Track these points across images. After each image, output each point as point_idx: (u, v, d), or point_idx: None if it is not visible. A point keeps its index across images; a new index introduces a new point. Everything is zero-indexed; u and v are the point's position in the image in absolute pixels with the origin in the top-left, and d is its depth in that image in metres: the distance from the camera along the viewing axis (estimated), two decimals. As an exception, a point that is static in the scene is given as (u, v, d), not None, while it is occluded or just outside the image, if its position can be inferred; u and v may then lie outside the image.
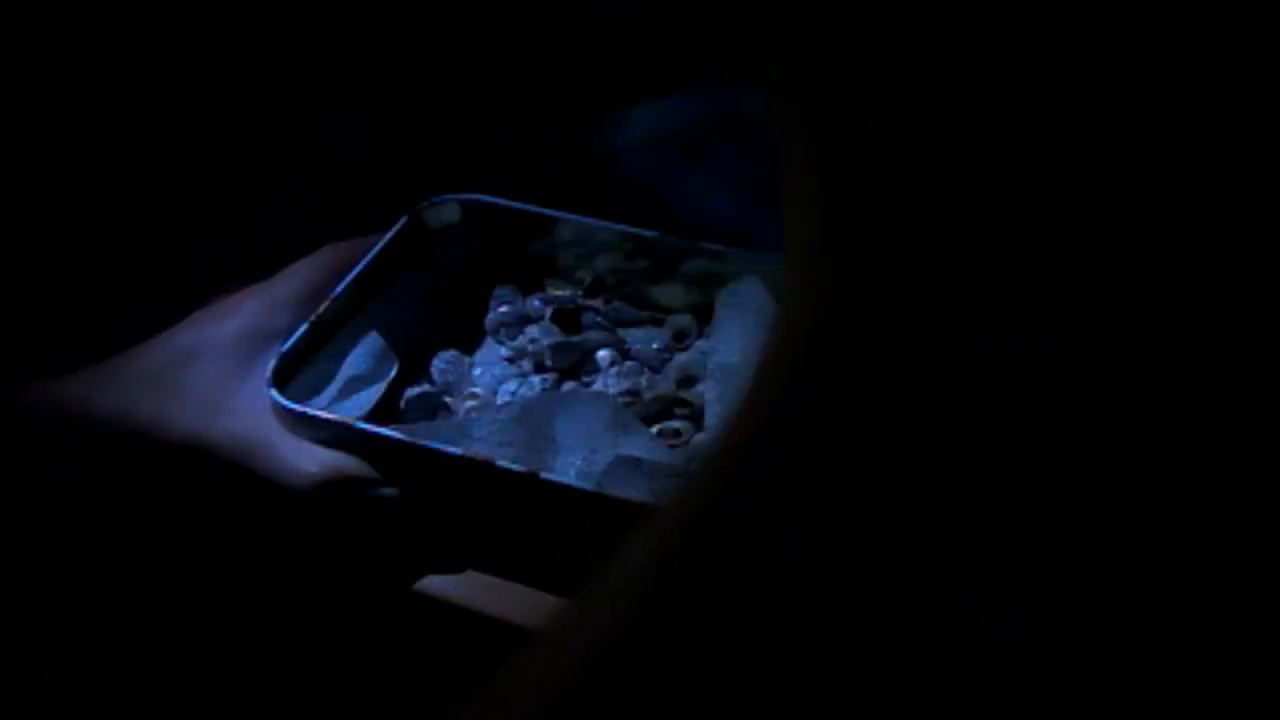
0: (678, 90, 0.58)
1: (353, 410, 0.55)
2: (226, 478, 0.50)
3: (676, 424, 0.58)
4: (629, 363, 0.60)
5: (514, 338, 0.62)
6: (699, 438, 0.57)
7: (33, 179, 0.71)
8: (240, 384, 0.53)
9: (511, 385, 0.59)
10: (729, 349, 0.58)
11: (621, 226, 0.62)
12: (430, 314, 0.62)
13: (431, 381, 0.59)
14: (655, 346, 0.61)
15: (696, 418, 0.58)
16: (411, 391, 0.58)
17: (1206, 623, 0.52)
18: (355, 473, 0.51)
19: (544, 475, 0.49)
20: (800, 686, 0.52)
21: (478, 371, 0.61)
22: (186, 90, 0.76)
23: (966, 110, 0.25)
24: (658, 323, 0.63)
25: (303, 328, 0.55)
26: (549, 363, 0.60)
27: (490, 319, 0.62)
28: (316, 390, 0.56)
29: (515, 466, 0.50)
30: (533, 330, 0.62)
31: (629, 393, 0.58)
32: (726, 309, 0.60)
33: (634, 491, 0.48)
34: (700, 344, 0.62)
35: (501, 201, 0.63)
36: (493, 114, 0.79)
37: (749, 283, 0.60)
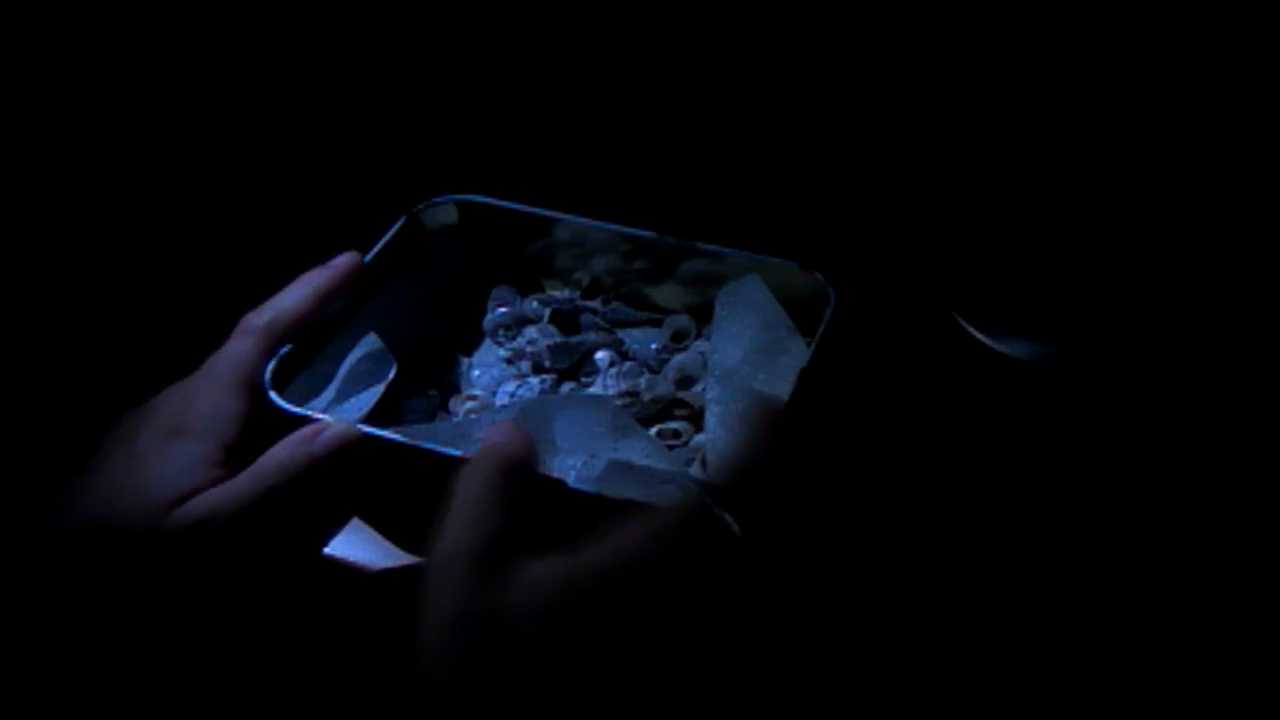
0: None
1: (351, 412, 0.55)
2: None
3: (676, 425, 0.58)
4: (628, 363, 0.60)
5: (512, 339, 0.62)
6: (698, 438, 0.57)
7: (32, 181, 0.71)
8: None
9: (510, 386, 0.59)
10: (728, 349, 0.58)
11: (619, 227, 0.62)
12: (428, 315, 0.62)
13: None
14: (654, 347, 0.61)
15: (695, 418, 0.58)
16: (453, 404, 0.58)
17: (1205, 622, 0.52)
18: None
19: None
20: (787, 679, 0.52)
21: (476, 373, 0.61)
22: (186, 90, 0.76)
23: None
24: (656, 323, 0.63)
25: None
26: (547, 364, 0.60)
27: (488, 320, 0.62)
28: (315, 392, 0.56)
29: None
30: (531, 331, 0.62)
31: (628, 393, 0.58)
32: (725, 309, 0.60)
33: (631, 494, 0.48)
34: (699, 344, 0.62)
35: (499, 202, 0.63)
36: (493, 114, 0.79)
37: (748, 283, 0.59)
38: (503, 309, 0.63)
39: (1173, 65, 0.67)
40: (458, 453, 0.50)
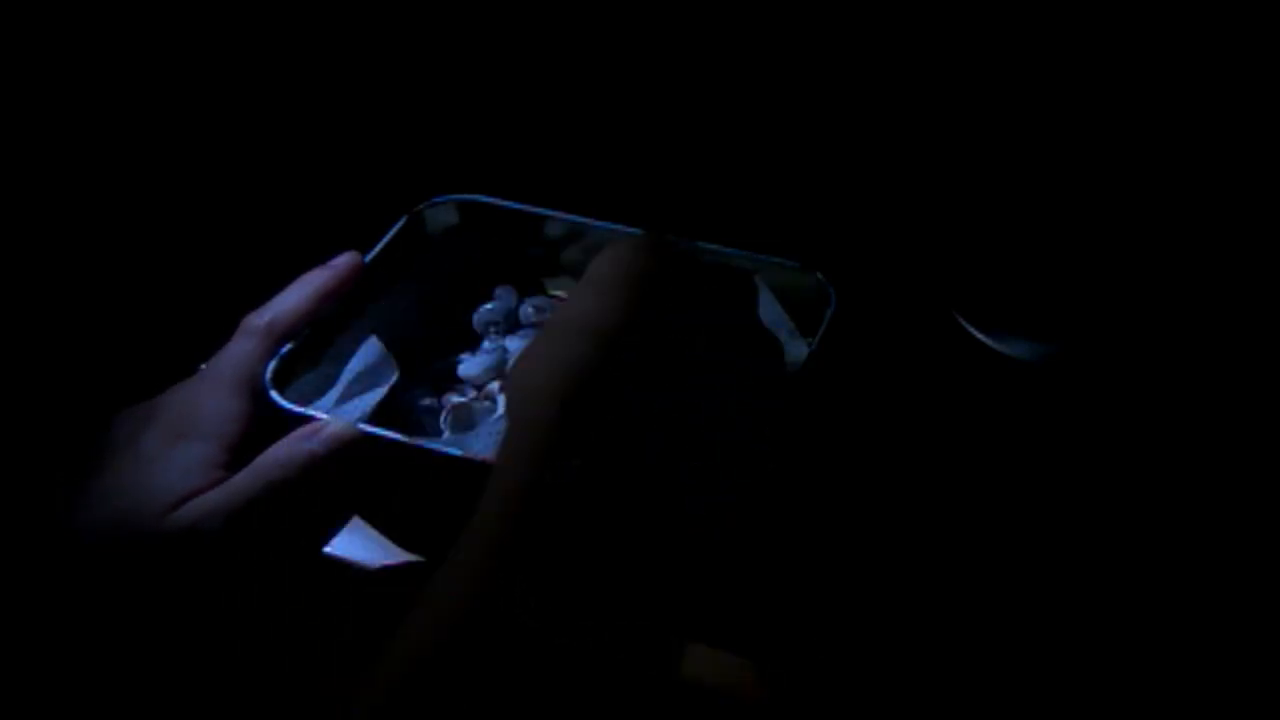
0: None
1: (352, 413, 0.55)
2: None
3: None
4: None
5: (503, 335, 0.62)
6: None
7: (32, 181, 0.71)
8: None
9: (495, 385, 0.59)
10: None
11: (620, 227, 0.62)
12: (428, 315, 0.62)
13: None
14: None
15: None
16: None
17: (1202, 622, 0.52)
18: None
19: None
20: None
21: (463, 368, 0.61)
22: (187, 90, 0.76)
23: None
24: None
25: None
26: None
27: (477, 318, 0.62)
28: (317, 393, 0.56)
29: None
30: (515, 341, 0.61)
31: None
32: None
33: None
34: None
35: (500, 202, 0.63)
36: (493, 114, 0.79)
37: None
38: (488, 305, 0.62)
39: (1173, 65, 0.67)
40: (458, 452, 0.50)
